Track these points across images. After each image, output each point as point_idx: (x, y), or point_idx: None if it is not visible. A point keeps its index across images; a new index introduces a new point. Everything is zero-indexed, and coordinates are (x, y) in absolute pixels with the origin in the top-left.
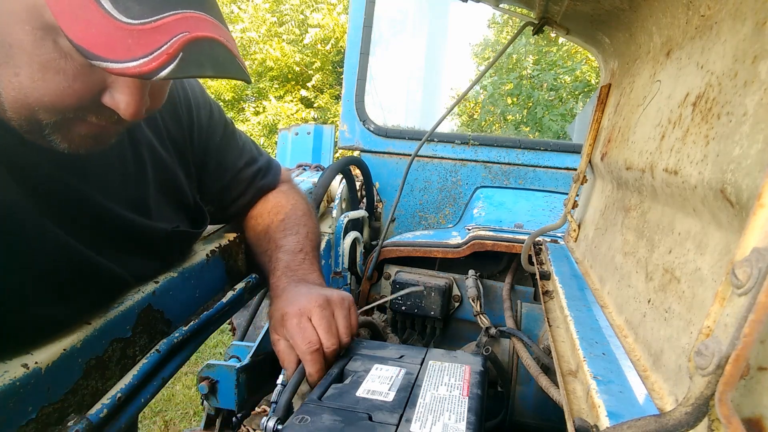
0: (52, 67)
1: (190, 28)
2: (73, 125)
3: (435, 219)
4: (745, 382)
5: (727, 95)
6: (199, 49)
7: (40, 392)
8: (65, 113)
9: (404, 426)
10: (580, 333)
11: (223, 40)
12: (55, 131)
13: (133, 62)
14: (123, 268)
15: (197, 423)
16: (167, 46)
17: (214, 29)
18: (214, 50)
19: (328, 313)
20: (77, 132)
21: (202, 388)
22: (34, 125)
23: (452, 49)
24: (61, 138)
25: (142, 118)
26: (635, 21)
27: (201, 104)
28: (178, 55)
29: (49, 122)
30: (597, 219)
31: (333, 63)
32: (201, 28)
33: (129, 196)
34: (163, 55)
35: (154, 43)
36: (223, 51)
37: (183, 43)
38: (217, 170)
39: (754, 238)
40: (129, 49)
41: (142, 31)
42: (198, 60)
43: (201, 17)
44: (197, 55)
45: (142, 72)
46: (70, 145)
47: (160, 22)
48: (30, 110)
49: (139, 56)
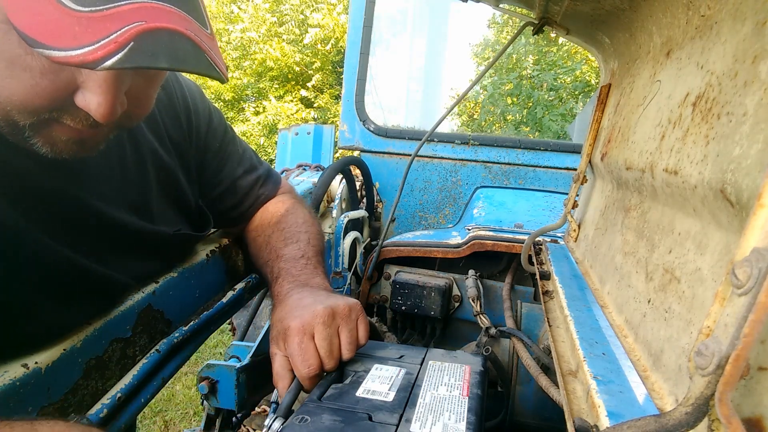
0: (18, 64)
1: (147, 18)
2: (51, 128)
3: (435, 219)
4: (745, 382)
5: (727, 95)
6: (154, 40)
7: (40, 392)
8: (39, 114)
9: (404, 426)
10: (580, 333)
11: (190, 33)
12: (34, 133)
13: (78, 50)
14: (125, 271)
15: (197, 423)
16: (117, 35)
17: (179, 21)
18: (175, 42)
19: (332, 330)
20: (57, 136)
21: (202, 388)
22: (13, 127)
23: (452, 49)
24: (42, 141)
25: (124, 122)
26: (635, 21)
27: (200, 109)
28: (128, 44)
29: (26, 124)
30: (597, 219)
31: (333, 63)
32: (161, 19)
33: (131, 200)
34: (110, 44)
35: (102, 31)
36: (187, 44)
37: (136, 32)
38: (215, 176)
39: (754, 238)
40: (75, 37)
41: (92, 19)
42: (152, 51)
43: (164, 8)
44: (151, 45)
45: (86, 61)
46: (52, 149)
47: (113, 10)
48: (4, 111)
49: (85, 44)
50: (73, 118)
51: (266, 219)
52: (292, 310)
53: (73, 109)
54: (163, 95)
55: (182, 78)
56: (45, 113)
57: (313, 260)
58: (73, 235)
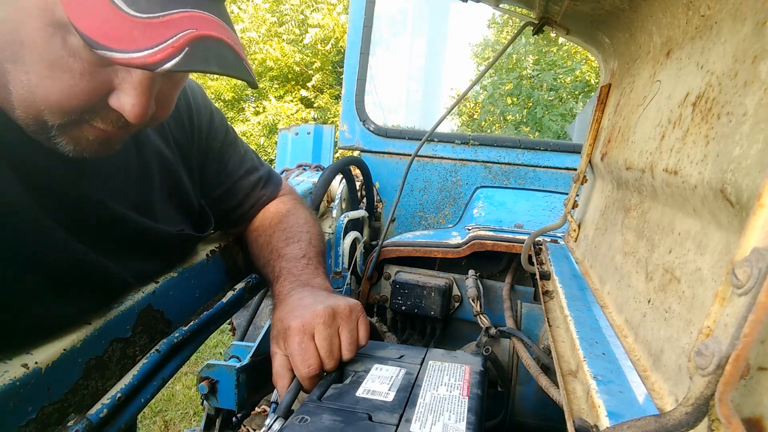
0: (59, 65)
1: (197, 26)
2: (79, 129)
3: (435, 219)
4: (745, 382)
5: (727, 95)
6: (205, 47)
7: (40, 392)
8: (71, 115)
9: (404, 426)
10: (580, 333)
11: (231, 41)
12: (60, 133)
13: (138, 53)
14: (125, 268)
15: (197, 423)
16: (173, 40)
17: (221, 30)
18: (221, 50)
19: (332, 330)
20: (83, 136)
21: (202, 388)
22: (41, 126)
23: (452, 49)
24: (67, 140)
25: (148, 123)
26: (635, 21)
27: (202, 109)
28: (184, 49)
29: (55, 124)
30: (597, 219)
31: (333, 63)
32: (208, 27)
33: (133, 199)
34: (168, 48)
35: (160, 36)
36: (230, 52)
37: (189, 39)
38: (216, 176)
39: (754, 238)
40: (135, 41)
41: (149, 24)
42: (204, 56)
43: (209, 18)
44: (203, 51)
45: (146, 63)
46: (75, 148)
47: (168, 17)
48: (37, 110)
49: (144, 48)
50: (104, 120)
51: (267, 219)
52: (293, 309)
53: (104, 110)
54: None
55: None
56: (77, 114)
57: (314, 261)
58: (76, 228)
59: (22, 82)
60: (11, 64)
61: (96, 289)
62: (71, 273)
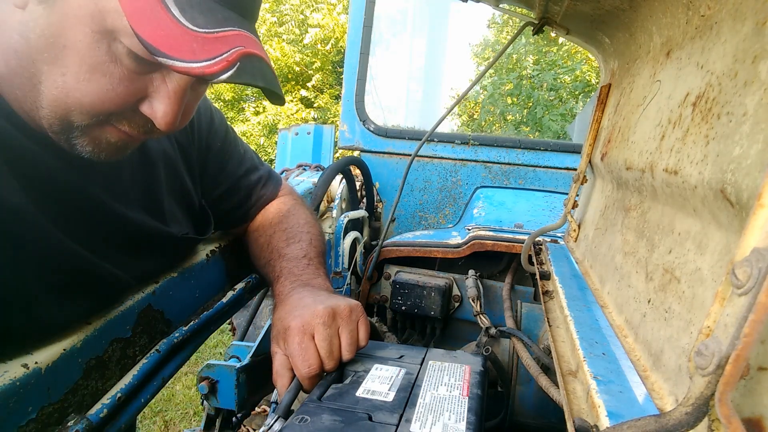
0: (100, 70)
1: (244, 44)
2: (103, 131)
3: (435, 219)
4: (745, 382)
5: (727, 95)
6: (251, 63)
7: (40, 392)
8: (99, 117)
9: (404, 426)
10: (580, 333)
11: (268, 60)
12: (83, 135)
13: (197, 63)
14: (128, 270)
15: (197, 423)
16: (227, 55)
17: (260, 49)
18: (262, 67)
19: (332, 331)
20: (104, 138)
21: (202, 388)
22: (65, 126)
23: (452, 49)
24: (87, 142)
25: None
26: (635, 21)
27: (202, 110)
28: (236, 63)
29: (81, 125)
30: (597, 219)
31: (333, 63)
32: (252, 45)
33: (140, 198)
34: (223, 62)
35: (215, 50)
36: (269, 69)
37: (240, 54)
38: (217, 176)
39: (754, 238)
40: (194, 52)
41: (206, 39)
42: (251, 71)
43: (251, 37)
44: (250, 67)
45: (205, 73)
46: (93, 150)
47: (221, 34)
48: (66, 110)
49: (203, 59)
50: (130, 123)
51: (267, 220)
52: (293, 309)
53: (132, 115)
54: None
55: None
56: (105, 117)
57: (315, 261)
58: (80, 230)
59: (57, 82)
60: (48, 65)
61: (98, 291)
62: (74, 277)
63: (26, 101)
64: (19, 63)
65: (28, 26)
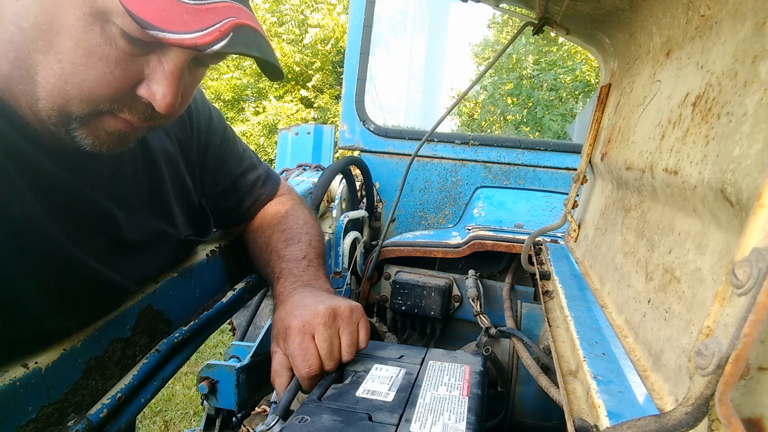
0: (96, 53)
1: (237, 15)
2: (102, 121)
3: (435, 219)
4: (745, 382)
5: (727, 95)
6: (245, 33)
7: (40, 392)
8: (99, 104)
9: (404, 426)
10: (580, 333)
11: (262, 32)
12: (82, 125)
13: (189, 34)
14: (132, 274)
15: (197, 423)
16: (219, 25)
17: (254, 21)
18: (257, 37)
19: (333, 331)
20: (105, 128)
21: (202, 388)
22: (64, 117)
23: (452, 49)
24: (86, 133)
25: (175, 114)
26: (635, 21)
27: (200, 108)
28: (229, 34)
29: (80, 115)
30: (597, 219)
31: (333, 63)
32: (245, 17)
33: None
34: (216, 32)
35: (207, 21)
36: (263, 40)
37: (233, 25)
38: (215, 175)
39: (754, 238)
40: (185, 24)
41: (197, 10)
42: (245, 41)
43: (243, 9)
44: (244, 37)
45: (197, 44)
46: (93, 142)
47: (212, 5)
48: (65, 99)
49: (194, 30)
50: (131, 111)
51: (267, 220)
52: (294, 309)
53: (132, 101)
54: None
55: None
56: (105, 104)
57: (315, 262)
58: (85, 237)
59: (53, 70)
60: (43, 53)
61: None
62: (80, 287)
63: (26, 96)
64: (17, 55)
65: (22, 15)
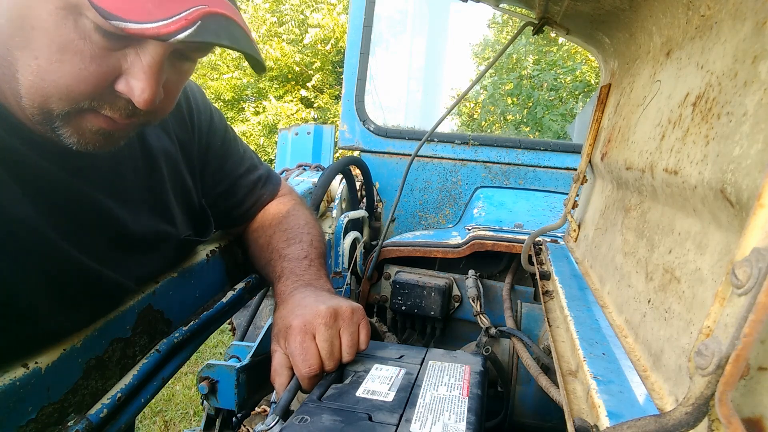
0: (70, 49)
1: (208, 3)
2: (84, 119)
3: (435, 219)
4: (745, 382)
5: (727, 95)
6: (216, 22)
7: (40, 392)
8: (78, 101)
9: (404, 426)
10: (580, 333)
11: (239, 20)
12: (65, 123)
13: (152, 24)
14: (131, 274)
15: (197, 423)
16: (186, 13)
17: (230, 10)
18: (230, 26)
19: (334, 332)
20: (88, 127)
21: (202, 388)
22: (46, 116)
23: (452, 49)
24: (71, 132)
25: (155, 113)
26: (635, 21)
27: (201, 108)
28: (197, 22)
29: (61, 113)
30: (597, 219)
31: (333, 63)
32: (217, 5)
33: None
34: (182, 20)
35: (173, 10)
36: (239, 30)
37: (202, 13)
38: (216, 175)
39: (754, 238)
40: (149, 13)
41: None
42: (215, 31)
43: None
44: (214, 26)
45: (160, 33)
46: (78, 141)
47: None
48: (44, 97)
49: (159, 19)
50: (112, 107)
51: (267, 220)
52: (295, 308)
53: (112, 97)
54: None
55: None
56: (85, 101)
57: (316, 262)
58: (84, 237)
59: (31, 67)
60: (20, 50)
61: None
62: (78, 287)
63: (13, 94)
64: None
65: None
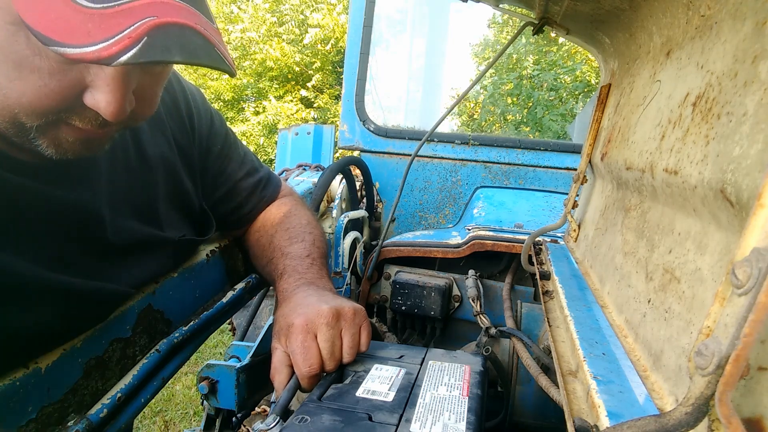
0: (26, 66)
1: (158, 13)
2: (59, 129)
3: (435, 219)
4: (745, 382)
5: (727, 95)
6: (166, 34)
7: (40, 392)
8: (47, 116)
9: (404, 426)
10: (580, 333)
11: (199, 27)
12: (40, 135)
13: (92, 47)
14: (128, 280)
15: (197, 423)
16: (130, 30)
17: (188, 16)
18: (186, 36)
19: (335, 332)
20: (64, 137)
21: (202, 388)
22: (20, 129)
23: (452, 49)
24: (47, 143)
25: (128, 120)
26: (635, 21)
27: (202, 112)
28: (142, 39)
29: (33, 125)
30: (597, 219)
31: (333, 63)
32: (171, 13)
33: (137, 205)
34: (125, 39)
35: (116, 27)
36: (198, 38)
37: (149, 27)
38: (217, 178)
39: (754, 238)
40: (89, 34)
41: (104, 15)
42: (165, 45)
43: (173, 3)
44: (164, 40)
45: (101, 57)
46: (56, 151)
47: (125, 6)
48: (12, 113)
49: (99, 41)
50: (81, 119)
51: (269, 220)
52: (297, 306)
53: (81, 109)
54: (167, 98)
55: (183, 81)
56: (53, 114)
57: (318, 261)
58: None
59: None
60: None
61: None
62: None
63: None
64: None
65: None
